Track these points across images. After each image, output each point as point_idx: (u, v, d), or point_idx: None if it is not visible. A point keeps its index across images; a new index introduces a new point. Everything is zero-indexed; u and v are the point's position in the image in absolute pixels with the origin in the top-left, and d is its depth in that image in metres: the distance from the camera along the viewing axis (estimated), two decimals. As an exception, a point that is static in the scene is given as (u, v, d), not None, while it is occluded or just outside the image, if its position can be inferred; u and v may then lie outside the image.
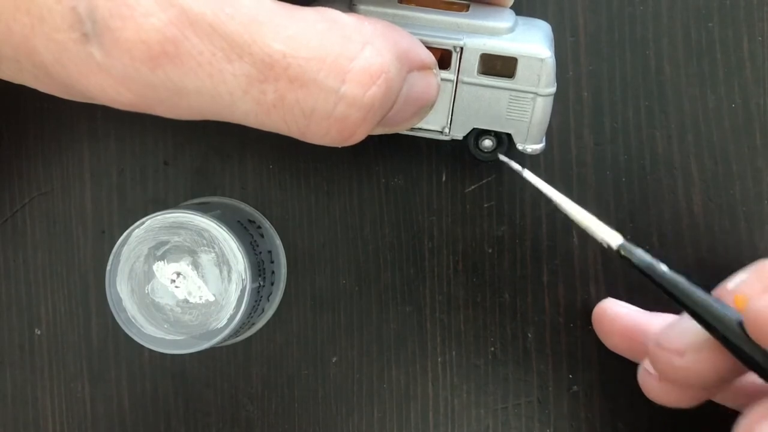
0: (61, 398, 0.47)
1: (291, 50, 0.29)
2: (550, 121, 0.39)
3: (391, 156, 0.45)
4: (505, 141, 0.40)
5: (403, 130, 0.37)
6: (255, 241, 0.41)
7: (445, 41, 0.37)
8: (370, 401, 0.46)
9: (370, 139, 0.33)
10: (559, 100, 0.40)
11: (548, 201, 0.45)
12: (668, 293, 0.32)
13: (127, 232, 0.38)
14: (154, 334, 0.38)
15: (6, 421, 0.47)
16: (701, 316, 0.32)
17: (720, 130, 0.44)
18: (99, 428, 0.47)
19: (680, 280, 0.32)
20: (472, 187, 0.45)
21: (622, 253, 0.33)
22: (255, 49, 0.29)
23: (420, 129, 0.39)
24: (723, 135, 0.44)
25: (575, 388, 0.45)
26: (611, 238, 0.33)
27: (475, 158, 0.40)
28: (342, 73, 0.30)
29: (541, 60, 0.37)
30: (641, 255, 0.33)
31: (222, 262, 0.38)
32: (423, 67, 0.34)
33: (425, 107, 0.36)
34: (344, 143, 0.32)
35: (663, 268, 0.32)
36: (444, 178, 0.45)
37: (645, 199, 0.45)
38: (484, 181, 0.45)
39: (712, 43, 0.44)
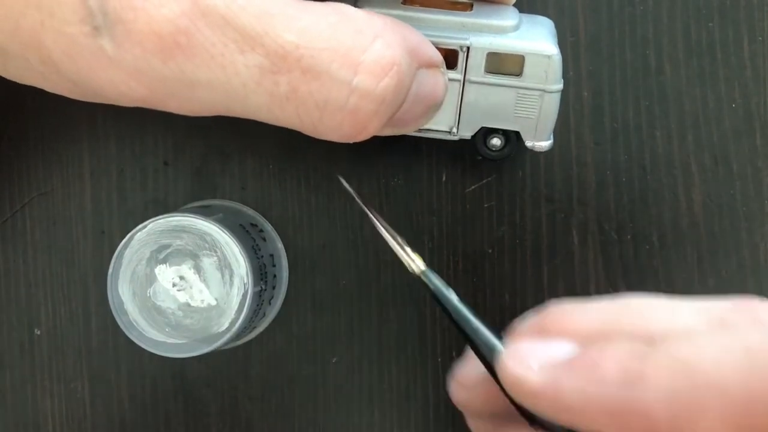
0: (61, 398, 0.47)
1: (303, 41, 0.29)
2: None
3: (391, 156, 0.45)
4: (513, 139, 0.40)
5: (411, 131, 0.37)
6: (257, 244, 0.41)
7: (451, 41, 0.37)
8: (370, 401, 0.46)
9: (372, 138, 0.33)
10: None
11: (549, 201, 0.45)
12: (454, 323, 0.33)
13: (129, 235, 0.38)
14: (155, 337, 0.38)
15: (6, 421, 0.47)
16: (479, 350, 0.32)
17: (720, 130, 0.44)
18: (99, 428, 0.47)
19: (465, 311, 0.33)
20: (472, 187, 0.45)
21: (422, 278, 0.34)
22: (267, 40, 0.29)
23: (428, 130, 0.39)
24: (723, 135, 0.44)
25: (575, 388, 0.45)
26: (415, 264, 0.34)
27: (482, 157, 0.40)
28: (354, 65, 0.30)
29: (548, 57, 0.37)
30: (437, 283, 0.33)
31: (224, 266, 0.38)
32: (431, 65, 0.34)
33: (433, 106, 0.35)
34: (356, 138, 0.32)
35: (453, 297, 0.33)
36: (444, 178, 0.45)
37: (645, 199, 0.45)
38: (484, 181, 0.45)
39: (713, 43, 0.44)
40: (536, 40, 0.37)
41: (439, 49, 0.36)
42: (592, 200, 0.45)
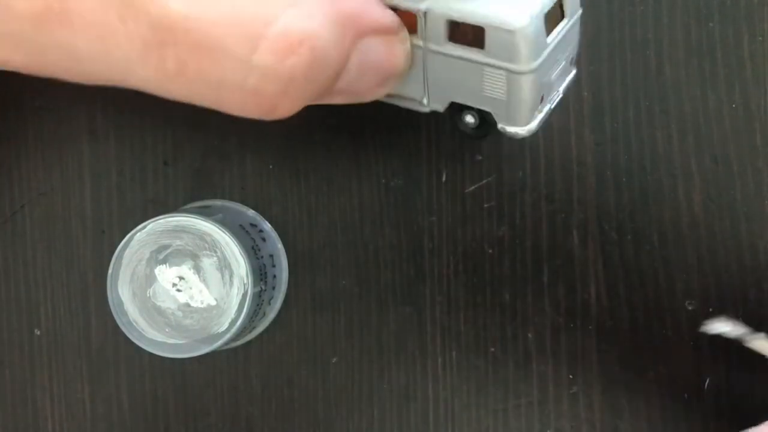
0: (60, 398, 0.47)
1: (194, 12, 0.25)
2: (550, 120, 0.36)
3: (391, 156, 0.45)
4: (489, 118, 0.34)
5: (375, 99, 0.33)
6: (257, 245, 0.41)
7: (407, 4, 0.31)
8: (370, 401, 0.46)
9: (370, 138, 0.33)
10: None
11: (549, 201, 0.45)
12: None
13: (129, 235, 0.38)
14: (155, 338, 0.38)
15: (6, 421, 0.47)
16: None
17: (720, 130, 0.44)
18: (99, 429, 0.47)
19: None
20: (472, 187, 0.45)
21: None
22: (152, 8, 0.25)
23: (397, 97, 0.35)
24: (723, 135, 0.44)
25: (575, 388, 0.45)
26: None
27: (464, 134, 0.36)
28: (254, 40, 0.26)
29: (510, 32, 0.30)
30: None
31: (224, 266, 0.38)
32: (379, 32, 0.30)
33: (391, 76, 0.32)
34: (270, 117, 0.28)
35: None
36: (444, 178, 0.45)
37: (645, 199, 0.45)
38: (484, 181, 0.45)
39: (713, 43, 0.44)
40: (506, 7, 0.30)
41: (402, 14, 0.32)
42: (592, 200, 0.45)
